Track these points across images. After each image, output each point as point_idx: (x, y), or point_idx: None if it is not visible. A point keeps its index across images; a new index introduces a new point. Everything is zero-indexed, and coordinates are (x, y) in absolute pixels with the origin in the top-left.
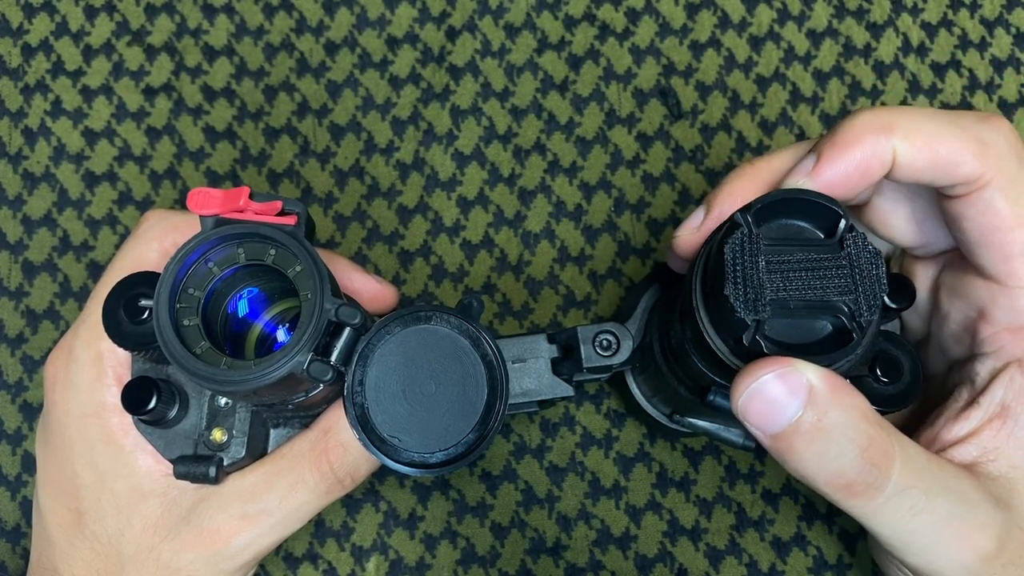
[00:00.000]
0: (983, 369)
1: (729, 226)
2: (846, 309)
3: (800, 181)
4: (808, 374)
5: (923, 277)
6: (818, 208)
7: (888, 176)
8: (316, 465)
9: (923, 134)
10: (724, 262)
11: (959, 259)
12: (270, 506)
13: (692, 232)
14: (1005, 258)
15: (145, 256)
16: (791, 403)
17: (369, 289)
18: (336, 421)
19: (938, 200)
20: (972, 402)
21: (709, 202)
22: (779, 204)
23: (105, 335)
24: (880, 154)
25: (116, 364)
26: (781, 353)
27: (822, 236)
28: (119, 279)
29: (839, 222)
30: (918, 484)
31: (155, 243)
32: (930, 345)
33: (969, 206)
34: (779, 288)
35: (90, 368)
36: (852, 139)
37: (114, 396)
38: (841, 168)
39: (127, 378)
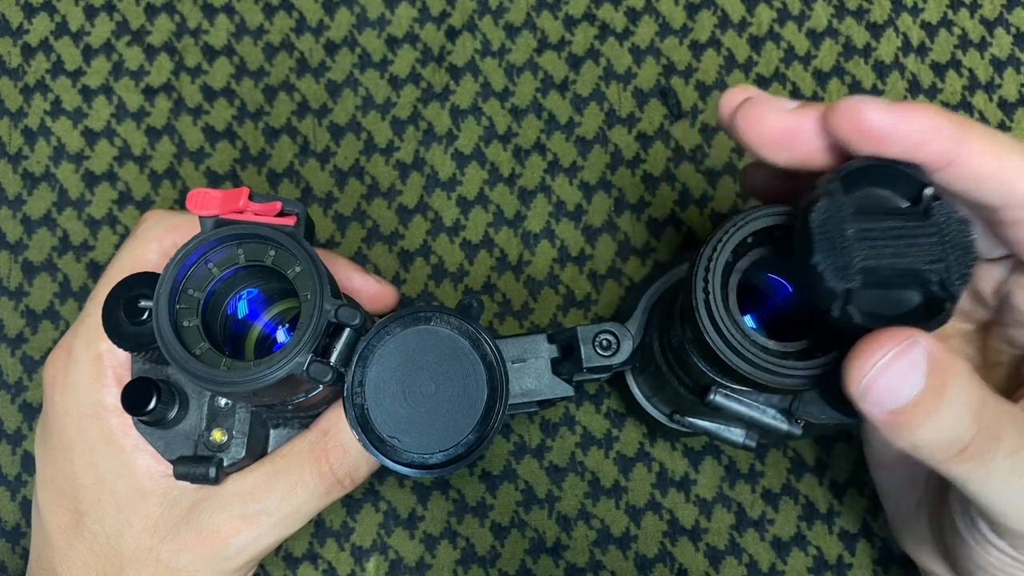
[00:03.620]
0: None
1: (813, 196)
2: (936, 278)
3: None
4: (925, 343)
5: (988, 278)
6: (903, 177)
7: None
8: (316, 466)
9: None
10: (810, 230)
11: None
12: (270, 506)
13: (787, 113)
14: None
15: (144, 256)
16: (914, 377)
17: (369, 289)
18: (336, 422)
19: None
20: None
21: (803, 104)
22: (864, 171)
23: (105, 336)
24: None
25: (116, 365)
26: (872, 325)
27: (906, 205)
28: (119, 279)
29: (923, 191)
30: None
31: (154, 243)
32: (993, 334)
33: None
34: (868, 256)
35: (90, 368)
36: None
37: (114, 397)
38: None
39: (127, 379)
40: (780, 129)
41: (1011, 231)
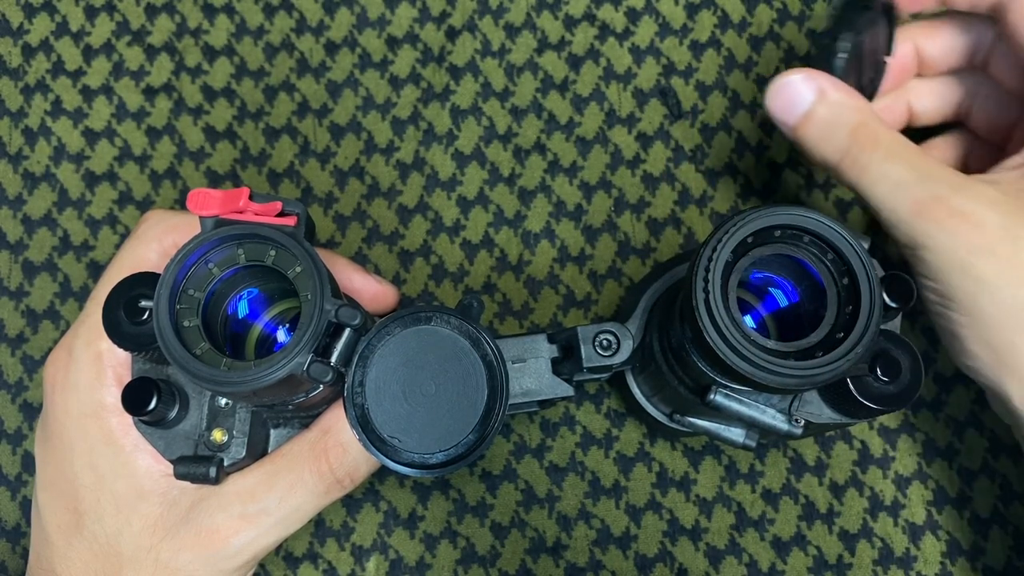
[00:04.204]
0: None
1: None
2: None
3: None
4: (820, 79)
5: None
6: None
7: None
8: (315, 465)
9: None
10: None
11: None
12: (269, 506)
13: None
14: None
15: (145, 257)
16: (807, 95)
17: (369, 289)
18: (336, 421)
19: None
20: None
21: None
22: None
23: (105, 335)
24: None
25: (116, 364)
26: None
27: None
28: (119, 279)
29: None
30: (894, 160)
31: (155, 243)
32: None
33: None
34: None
35: (90, 368)
36: None
37: (114, 396)
38: None
39: (127, 378)
40: None
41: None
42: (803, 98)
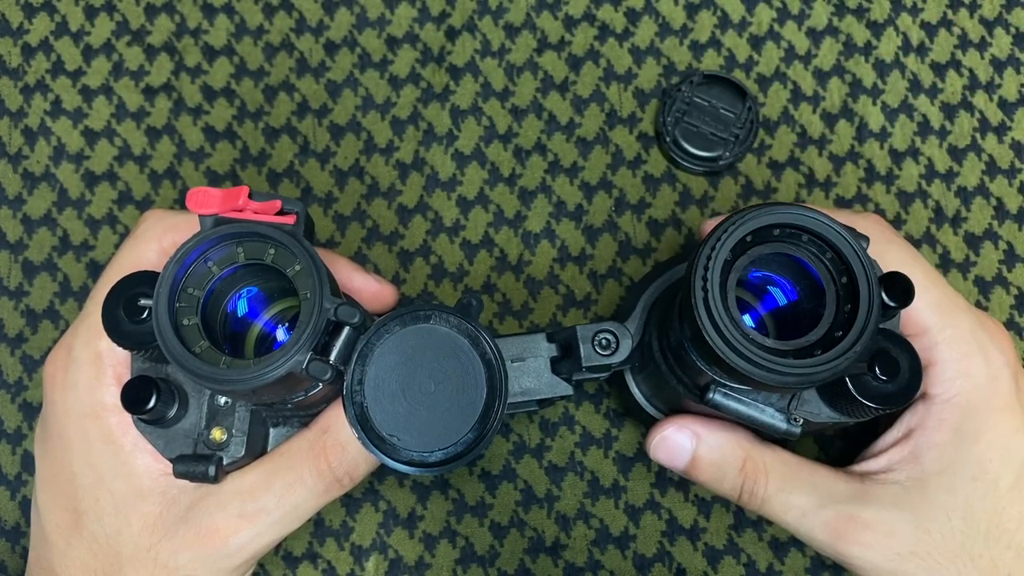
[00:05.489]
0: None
1: None
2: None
3: None
4: (694, 425)
5: None
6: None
7: None
8: (314, 464)
9: None
10: None
11: None
12: (268, 505)
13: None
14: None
15: (144, 256)
16: (685, 443)
17: (369, 288)
18: (335, 420)
19: None
20: (888, 426)
21: None
22: None
23: (104, 334)
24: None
25: (115, 363)
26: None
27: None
28: (118, 279)
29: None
30: (790, 487)
31: (154, 243)
32: None
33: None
34: None
35: (89, 367)
36: None
37: (113, 395)
38: None
39: (127, 377)
40: None
41: None
42: (683, 447)
